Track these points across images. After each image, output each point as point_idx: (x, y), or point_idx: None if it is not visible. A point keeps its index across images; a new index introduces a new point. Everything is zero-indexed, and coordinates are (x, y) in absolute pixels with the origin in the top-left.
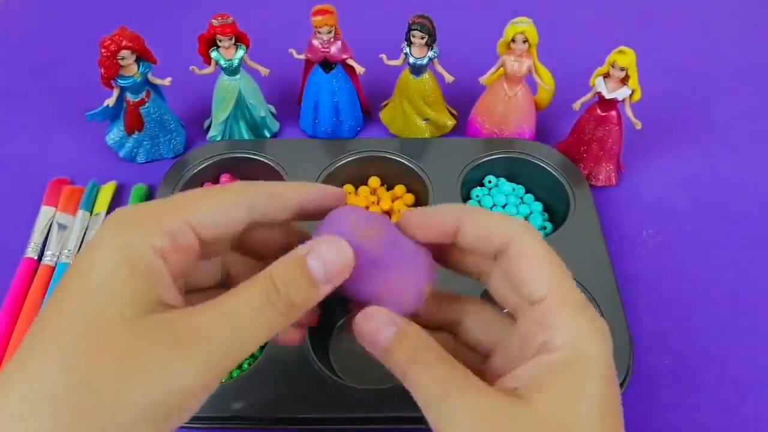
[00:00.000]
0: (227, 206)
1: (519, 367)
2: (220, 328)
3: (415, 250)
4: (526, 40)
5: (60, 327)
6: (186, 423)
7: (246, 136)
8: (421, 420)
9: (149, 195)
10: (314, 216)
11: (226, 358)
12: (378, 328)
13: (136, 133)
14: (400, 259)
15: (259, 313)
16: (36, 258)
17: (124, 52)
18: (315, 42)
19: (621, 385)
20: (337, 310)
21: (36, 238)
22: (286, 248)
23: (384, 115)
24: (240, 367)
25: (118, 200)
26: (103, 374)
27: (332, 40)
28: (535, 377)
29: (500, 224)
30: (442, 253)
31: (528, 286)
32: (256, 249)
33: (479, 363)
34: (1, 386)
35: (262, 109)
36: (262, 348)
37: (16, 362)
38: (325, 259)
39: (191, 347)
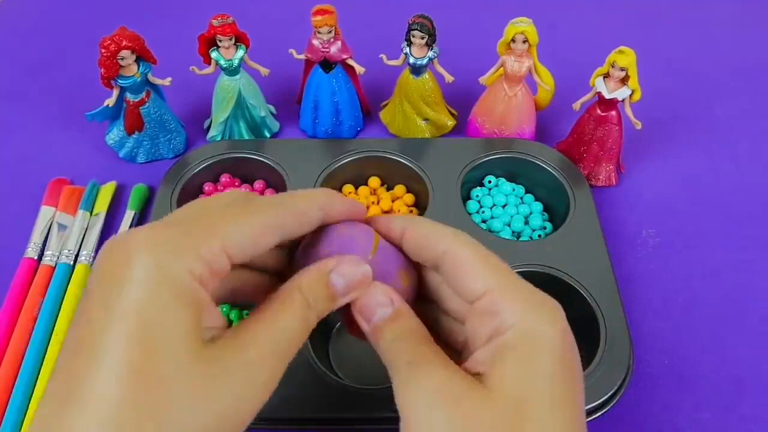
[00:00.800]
0: (261, 230)
1: (476, 352)
2: (275, 350)
3: (394, 252)
4: (526, 40)
5: (117, 356)
6: None
7: (246, 136)
8: None
9: (149, 195)
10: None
11: (278, 374)
12: (376, 305)
13: (136, 133)
14: (386, 267)
15: (300, 331)
16: (36, 258)
17: (124, 52)
18: (315, 42)
19: (621, 385)
20: (336, 310)
21: (36, 238)
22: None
23: (384, 115)
24: None
25: (118, 200)
26: (169, 403)
27: (332, 40)
28: (490, 357)
29: (436, 233)
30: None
31: (468, 285)
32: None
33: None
34: (62, 415)
35: (262, 109)
36: None
37: (68, 387)
38: (346, 277)
39: (253, 372)
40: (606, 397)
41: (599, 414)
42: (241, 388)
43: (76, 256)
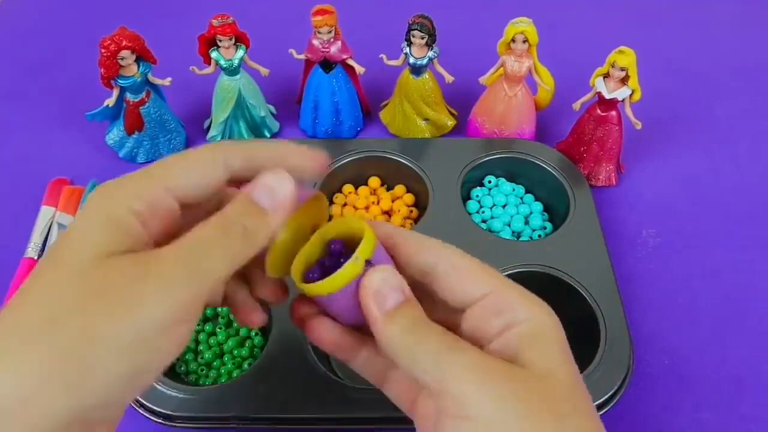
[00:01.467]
0: (203, 166)
1: (492, 344)
2: (183, 257)
3: (386, 253)
4: (526, 40)
5: (44, 270)
6: (186, 423)
7: (246, 136)
8: None
9: None
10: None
11: (191, 286)
12: (387, 291)
13: (136, 133)
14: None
15: (218, 240)
16: (36, 258)
17: (124, 52)
18: (315, 42)
19: (621, 385)
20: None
21: (36, 238)
22: None
23: (384, 115)
24: (240, 366)
25: None
26: (71, 310)
27: (332, 40)
28: (513, 345)
29: (426, 243)
30: None
31: (467, 289)
32: None
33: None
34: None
35: (262, 109)
36: (262, 348)
37: (13, 299)
38: (270, 188)
39: (156, 277)
40: (606, 397)
41: (599, 414)
42: (137, 294)
43: None
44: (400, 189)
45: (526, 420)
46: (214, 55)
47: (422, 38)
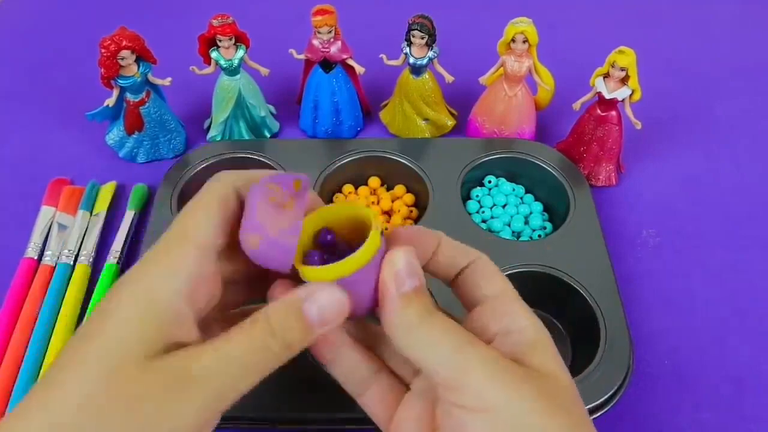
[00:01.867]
0: (222, 206)
1: (492, 343)
2: (218, 373)
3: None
4: (526, 40)
5: (79, 366)
6: None
7: (246, 136)
8: None
9: (149, 195)
10: None
11: (220, 401)
12: (407, 272)
13: (136, 133)
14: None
15: (256, 358)
16: (36, 258)
17: (124, 52)
18: (315, 42)
19: (621, 385)
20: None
21: (36, 238)
22: None
23: (384, 115)
24: None
25: (118, 200)
26: (108, 416)
27: (332, 40)
28: (516, 349)
29: (463, 245)
30: None
31: (486, 286)
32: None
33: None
34: (23, 416)
35: (262, 109)
36: None
37: (41, 390)
38: (321, 305)
39: (189, 391)
40: (606, 397)
41: (599, 414)
42: (171, 402)
43: (76, 256)
44: (400, 189)
45: (543, 415)
46: (214, 55)
47: (422, 38)
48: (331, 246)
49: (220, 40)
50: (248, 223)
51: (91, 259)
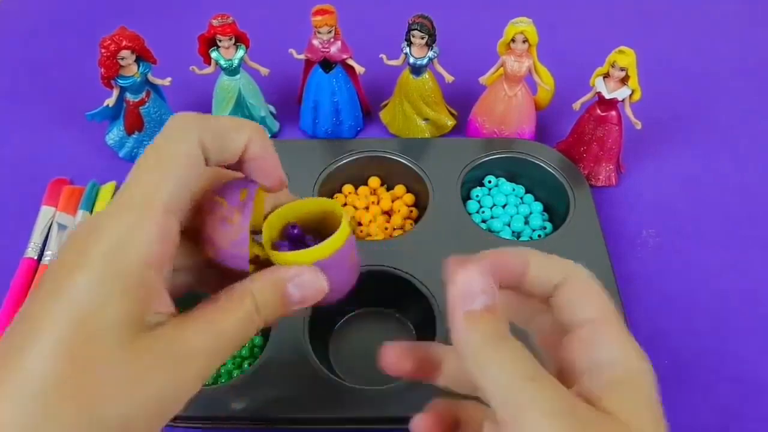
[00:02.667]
0: (187, 167)
1: (581, 379)
2: (210, 350)
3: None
4: (526, 40)
5: (53, 337)
6: (186, 423)
7: None
8: None
9: None
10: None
11: (208, 375)
12: (475, 290)
13: (136, 133)
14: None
15: (242, 333)
16: (36, 258)
17: (124, 52)
18: (315, 42)
19: None
20: (336, 310)
21: (36, 238)
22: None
23: (384, 115)
24: (240, 366)
25: None
26: (93, 388)
27: (332, 40)
28: (600, 388)
29: (554, 259)
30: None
31: (581, 309)
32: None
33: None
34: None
35: (262, 109)
36: (262, 348)
37: (7, 355)
38: (304, 288)
39: (182, 367)
40: None
41: None
42: (167, 381)
43: None
44: (400, 189)
45: None
46: (214, 55)
47: (422, 38)
48: (298, 238)
49: (220, 40)
50: (202, 236)
51: None
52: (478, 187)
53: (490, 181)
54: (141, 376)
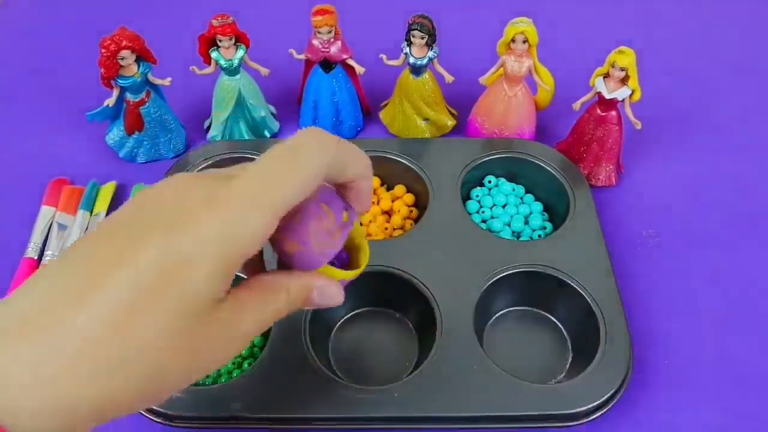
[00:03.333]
0: (312, 183)
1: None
2: (251, 334)
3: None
4: (526, 40)
5: (139, 282)
6: (186, 423)
7: (246, 136)
8: (421, 420)
9: None
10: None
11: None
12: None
13: (136, 133)
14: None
15: (273, 321)
16: (36, 258)
17: (124, 52)
18: (315, 42)
19: (621, 385)
20: (336, 310)
21: (36, 238)
22: None
23: (384, 115)
24: (240, 366)
25: (118, 200)
26: (154, 342)
27: (332, 40)
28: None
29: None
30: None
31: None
32: None
33: None
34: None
35: (262, 109)
36: (262, 348)
37: (86, 281)
38: (325, 297)
39: (230, 347)
40: (606, 397)
41: (599, 414)
42: (215, 358)
43: None
44: (400, 189)
45: None
46: (214, 55)
47: (422, 38)
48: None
49: (220, 40)
50: (295, 232)
51: None
52: (478, 187)
53: (490, 181)
54: (201, 348)
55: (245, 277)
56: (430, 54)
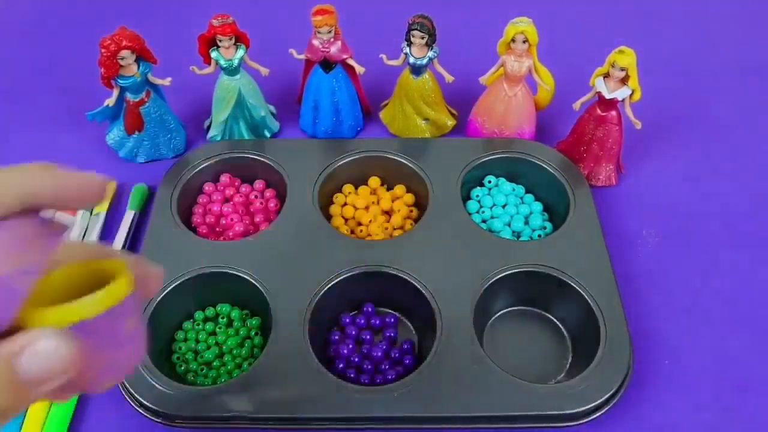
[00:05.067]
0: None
1: None
2: None
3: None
4: (526, 40)
5: None
6: (186, 423)
7: (246, 136)
8: (421, 420)
9: (149, 195)
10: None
11: None
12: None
13: (136, 133)
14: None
15: None
16: None
17: (124, 52)
18: (315, 42)
19: (621, 385)
20: (337, 310)
21: None
22: None
23: (384, 115)
24: (240, 366)
25: (118, 200)
26: None
27: (332, 40)
28: None
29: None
30: None
31: None
32: None
33: None
34: None
35: (262, 109)
36: (261, 348)
37: None
38: (41, 356)
39: None
40: (606, 397)
41: (599, 414)
42: None
43: None
44: (400, 189)
45: None
46: (214, 55)
47: (422, 38)
48: None
49: (220, 40)
50: None
51: None
52: (478, 187)
53: (490, 181)
54: None
55: None
56: (430, 54)
